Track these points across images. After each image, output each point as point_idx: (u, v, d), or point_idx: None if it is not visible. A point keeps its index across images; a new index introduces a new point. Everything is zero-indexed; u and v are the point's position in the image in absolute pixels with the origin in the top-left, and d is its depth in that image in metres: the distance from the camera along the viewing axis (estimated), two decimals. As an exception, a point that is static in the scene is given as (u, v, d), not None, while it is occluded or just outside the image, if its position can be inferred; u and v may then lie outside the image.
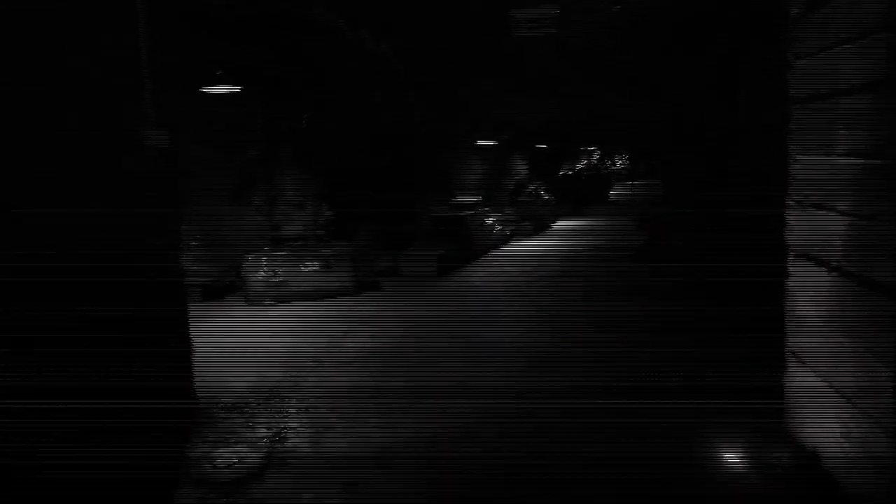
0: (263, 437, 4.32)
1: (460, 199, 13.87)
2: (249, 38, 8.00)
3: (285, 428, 4.48)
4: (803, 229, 3.78)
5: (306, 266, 9.14)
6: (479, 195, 14.54)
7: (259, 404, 4.93)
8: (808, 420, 3.64)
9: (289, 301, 8.85)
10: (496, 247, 13.77)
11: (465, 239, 12.16)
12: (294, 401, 5.00)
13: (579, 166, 25.32)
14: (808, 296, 3.66)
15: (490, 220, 13.75)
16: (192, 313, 4.63)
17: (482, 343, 6.53)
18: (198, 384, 4.64)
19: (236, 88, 7.85)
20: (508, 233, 14.84)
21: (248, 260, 9.08)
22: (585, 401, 4.69)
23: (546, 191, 18.43)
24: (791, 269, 3.88)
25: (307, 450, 4.15)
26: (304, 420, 4.62)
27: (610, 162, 29.50)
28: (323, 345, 6.59)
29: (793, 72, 3.87)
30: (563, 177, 22.75)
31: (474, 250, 12.44)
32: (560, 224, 18.37)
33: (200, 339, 4.84)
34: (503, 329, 7.11)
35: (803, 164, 3.79)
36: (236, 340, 6.47)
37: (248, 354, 6.13)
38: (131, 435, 3.51)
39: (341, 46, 8.41)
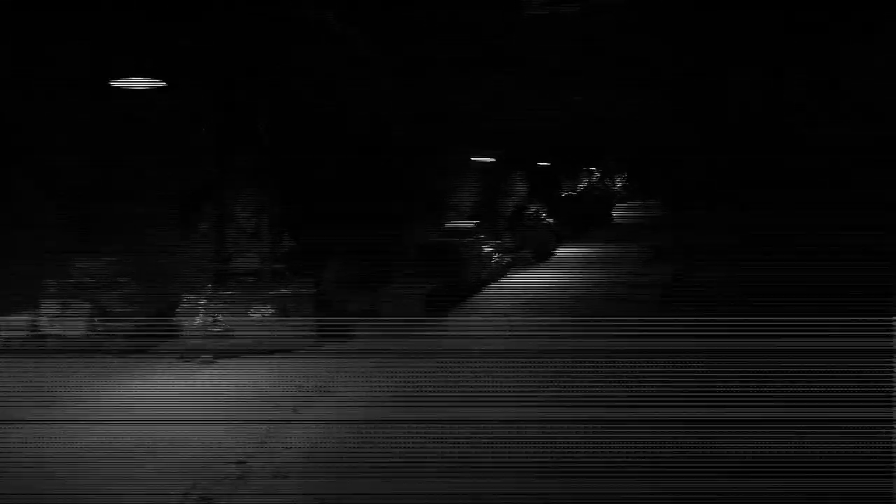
0: None
1: (452, 224, 12.45)
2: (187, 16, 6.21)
3: None
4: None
5: (257, 310, 7.27)
6: (473, 219, 12.80)
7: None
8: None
9: (233, 356, 6.93)
10: (494, 279, 11.95)
11: (458, 271, 10.55)
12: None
13: (581, 185, 23.35)
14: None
15: (487, 249, 11.96)
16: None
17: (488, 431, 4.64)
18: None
19: (160, 83, 6.01)
20: (507, 262, 13.01)
21: (183, 301, 7.22)
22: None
23: (547, 214, 16.57)
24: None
25: None
26: None
27: (611, 181, 27.57)
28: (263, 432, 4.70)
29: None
30: (565, 198, 20.77)
31: (468, 284, 10.88)
32: (563, 251, 16.37)
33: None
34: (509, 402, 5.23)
35: None
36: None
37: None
38: None
39: (306, 32, 6.67)
